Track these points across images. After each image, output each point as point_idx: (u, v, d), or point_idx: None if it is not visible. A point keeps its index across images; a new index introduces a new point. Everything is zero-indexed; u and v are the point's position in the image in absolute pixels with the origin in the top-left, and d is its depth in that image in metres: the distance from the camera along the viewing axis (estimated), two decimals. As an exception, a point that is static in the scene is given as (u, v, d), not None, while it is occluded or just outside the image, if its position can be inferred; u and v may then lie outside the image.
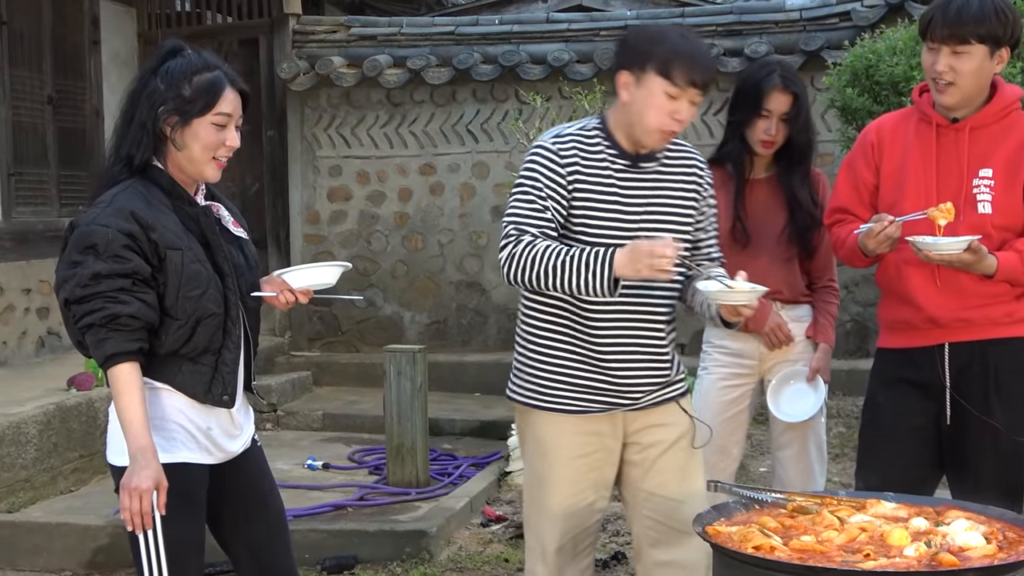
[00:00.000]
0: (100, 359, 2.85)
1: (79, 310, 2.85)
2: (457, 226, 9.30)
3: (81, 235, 2.86)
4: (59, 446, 6.35)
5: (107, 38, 9.24)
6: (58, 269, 2.92)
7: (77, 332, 2.90)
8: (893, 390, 3.59)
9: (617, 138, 3.26)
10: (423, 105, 9.32)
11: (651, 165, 3.29)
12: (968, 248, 3.26)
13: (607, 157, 3.25)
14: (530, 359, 3.36)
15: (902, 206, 3.47)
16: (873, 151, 3.59)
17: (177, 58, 2.95)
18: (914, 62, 5.95)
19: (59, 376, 7.04)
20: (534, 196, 3.18)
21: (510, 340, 9.17)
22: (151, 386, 2.91)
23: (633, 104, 3.18)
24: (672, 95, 3.13)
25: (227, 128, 2.94)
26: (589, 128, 3.29)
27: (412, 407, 6.29)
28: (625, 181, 3.25)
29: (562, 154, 3.21)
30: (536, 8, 11.37)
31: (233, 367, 3.00)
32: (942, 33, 3.34)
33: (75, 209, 8.68)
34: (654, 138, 3.20)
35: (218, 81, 2.92)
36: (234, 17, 9.78)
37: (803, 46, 8.36)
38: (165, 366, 2.93)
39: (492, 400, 8.25)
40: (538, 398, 3.35)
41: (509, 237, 3.16)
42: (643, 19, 9.06)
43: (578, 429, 3.32)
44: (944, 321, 3.46)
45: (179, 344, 2.90)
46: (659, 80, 3.13)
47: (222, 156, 2.96)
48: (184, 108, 2.89)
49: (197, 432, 2.98)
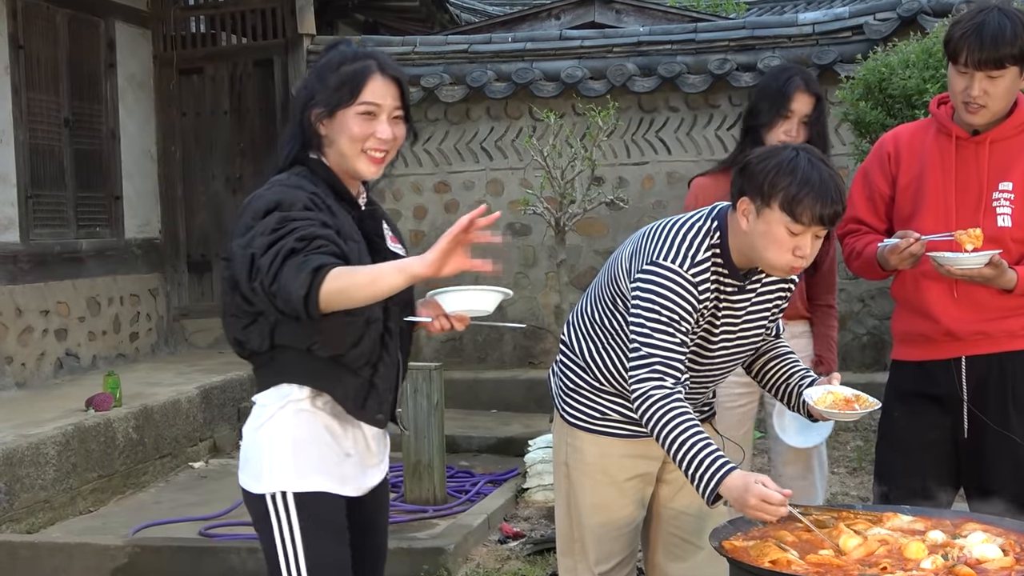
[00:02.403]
0: (306, 281, 2.53)
1: (272, 250, 2.58)
2: (472, 243, 9.29)
3: (259, 201, 2.69)
4: (78, 467, 6.38)
5: (123, 60, 9.31)
6: (233, 243, 2.70)
7: (269, 279, 2.57)
8: (909, 404, 3.57)
9: (733, 258, 3.03)
10: (437, 123, 9.36)
11: (755, 286, 3.14)
12: (989, 263, 3.24)
13: (721, 280, 3.06)
14: (583, 384, 3.31)
15: (920, 219, 3.46)
16: (889, 162, 3.57)
17: (331, 52, 2.84)
18: (927, 75, 5.95)
19: (77, 397, 7.07)
20: (674, 330, 2.97)
21: (526, 357, 9.27)
22: (298, 406, 2.77)
23: (751, 236, 2.93)
24: (795, 232, 2.87)
25: (376, 119, 2.77)
26: (721, 253, 3.04)
27: (429, 424, 6.29)
28: (731, 300, 3.11)
29: (700, 288, 3.01)
30: (549, 25, 11.39)
31: (389, 384, 2.84)
32: (978, 59, 3.27)
33: (92, 230, 8.77)
34: (779, 274, 3.03)
35: (363, 69, 2.77)
36: (249, 38, 9.82)
37: (816, 60, 8.36)
38: (326, 373, 2.76)
39: (508, 417, 8.27)
40: (590, 421, 3.31)
41: (655, 372, 2.95)
42: (655, 35, 9.08)
43: (625, 452, 3.30)
44: (961, 334, 3.45)
45: (346, 346, 2.73)
46: (781, 216, 2.86)
47: (373, 150, 2.78)
48: (329, 99, 2.76)
49: (336, 462, 2.81)
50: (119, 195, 9.23)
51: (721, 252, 3.02)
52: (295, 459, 2.76)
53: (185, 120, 9.87)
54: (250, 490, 2.82)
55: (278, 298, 2.57)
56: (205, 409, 7.74)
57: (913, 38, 6.52)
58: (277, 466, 2.77)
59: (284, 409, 2.78)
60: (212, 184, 9.88)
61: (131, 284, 9.30)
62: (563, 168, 7.00)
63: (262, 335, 2.74)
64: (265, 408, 2.81)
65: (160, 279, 9.73)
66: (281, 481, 2.76)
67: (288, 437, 2.77)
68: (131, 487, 6.85)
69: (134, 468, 6.91)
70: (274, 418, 2.79)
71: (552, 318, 8.99)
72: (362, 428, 2.87)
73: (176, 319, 9.83)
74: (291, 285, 2.53)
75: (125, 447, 6.82)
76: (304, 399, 2.78)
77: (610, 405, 3.28)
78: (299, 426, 2.77)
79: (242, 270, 2.64)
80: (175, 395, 7.52)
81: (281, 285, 2.55)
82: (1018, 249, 3.40)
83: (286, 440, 2.77)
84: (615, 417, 3.28)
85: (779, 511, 2.71)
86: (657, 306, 2.98)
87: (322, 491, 2.78)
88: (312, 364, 2.75)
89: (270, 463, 2.77)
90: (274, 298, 2.58)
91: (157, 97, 9.77)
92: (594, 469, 3.32)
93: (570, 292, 7.62)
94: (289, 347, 2.74)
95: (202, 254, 9.87)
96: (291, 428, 2.77)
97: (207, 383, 7.86)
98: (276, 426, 2.78)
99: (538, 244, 9.19)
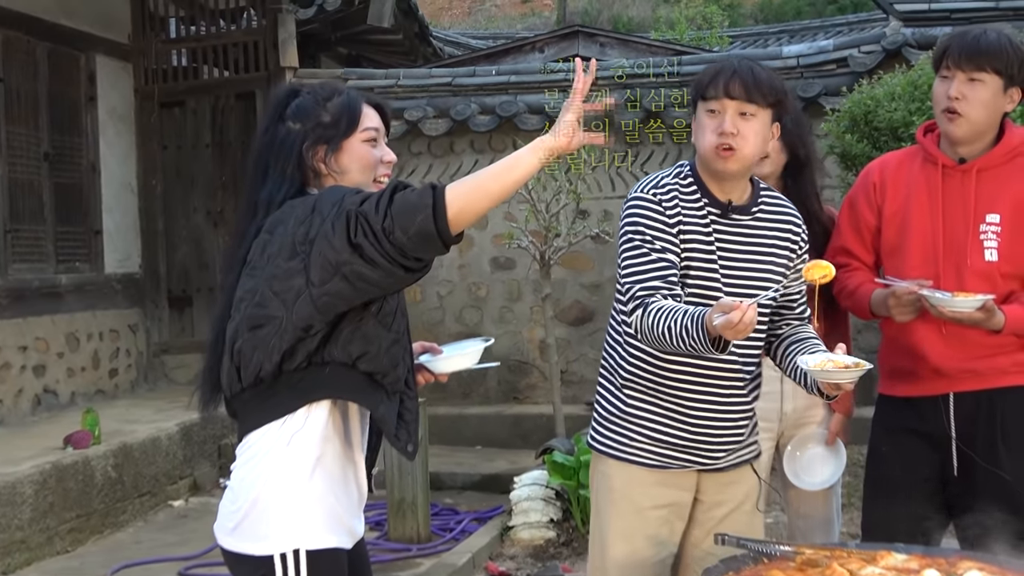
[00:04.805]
0: (427, 193, 2.47)
1: (372, 197, 2.51)
2: (456, 277, 9.30)
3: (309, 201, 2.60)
4: (55, 506, 6.31)
5: (103, 94, 9.29)
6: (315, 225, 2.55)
7: (380, 217, 2.46)
8: (897, 440, 3.55)
9: (708, 186, 3.21)
10: (421, 156, 9.35)
11: (745, 218, 3.22)
12: (982, 307, 3.24)
13: (705, 205, 3.19)
14: (608, 408, 3.31)
15: (906, 251, 3.45)
16: (875, 191, 3.56)
17: (300, 96, 2.82)
18: (913, 107, 5.97)
19: (55, 435, 7.00)
20: (647, 249, 3.10)
21: (511, 392, 9.24)
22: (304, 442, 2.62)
23: (696, 141, 3.18)
24: (713, 110, 3.11)
25: (379, 143, 2.83)
26: (684, 176, 3.23)
27: (412, 461, 6.24)
28: (723, 232, 3.19)
29: (664, 204, 3.15)
30: (532, 59, 11.44)
31: (414, 417, 2.76)
32: (958, 59, 3.32)
33: (71, 265, 8.73)
34: (716, 162, 3.13)
35: (354, 98, 2.81)
36: (231, 71, 9.82)
37: (801, 93, 8.38)
38: (368, 390, 2.66)
39: (493, 453, 8.23)
40: (617, 447, 3.28)
41: (636, 300, 3.05)
42: (640, 68, 9.11)
43: (652, 480, 3.26)
44: (949, 371, 3.43)
45: (388, 365, 2.67)
46: (700, 105, 3.15)
47: (383, 174, 2.82)
48: (329, 134, 2.75)
49: (342, 515, 2.70)
50: (99, 229, 9.19)
51: (694, 179, 3.21)
52: (308, 509, 2.61)
53: (166, 153, 9.84)
54: (247, 552, 2.62)
55: (395, 229, 2.45)
56: (185, 446, 7.67)
57: (898, 71, 6.54)
58: (289, 520, 2.60)
59: (290, 447, 2.62)
60: (193, 218, 9.84)
61: (111, 319, 9.24)
62: (548, 201, 7.01)
63: (309, 350, 2.60)
64: (266, 451, 2.62)
65: (140, 314, 9.67)
66: (293, 538, 2.60)
67: (297, 482, 2.61)
68: (109, 526, 6.78)
69: (113, 507, 6.84)
70: (277, 460, 2.62)
71: (537, 353, 8.98)
72: (358, 467, 2.79)
73: (156, 355, 9.77)
74: (411, 205, 2.45)
75: (104, 486, 6.75)
76: (313, 430, 2.63)
77: (637, 427, 3.24)
78: (306, 467, 2.62)
79: (335, 240, 2.49)
80: (155, 432, 7.46)
81: (398, 212, 2.45)
82: (1006, 284, 3.39)
83: (295, 486, 2.61)
84: (642, 442, 3.24)
85: (740, 313, 2.71)
86: (627, 234, 3.15)
87: (334, 548, 2.65)
88: (356, 379, 2.64)
89: (279, 516, 2.60)
90: (390, 235, 2.45)
91: (138, 130, 9.74)
92: (619, 496, 3.29)
93: (555, 326, 7.59)
94: (334, 361, 2.62)
95: (183, 289, 9.82)
96: (298, 471, 2.62)
97: (187, 420, 7.79)
98: (281, 469, 2.61)
99: (523, 278, 9.17)
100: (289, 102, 2.82)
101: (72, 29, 8.91)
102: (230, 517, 2.65)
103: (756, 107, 3.12)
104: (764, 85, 3.13)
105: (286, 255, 2.58)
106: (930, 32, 8.06)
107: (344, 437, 2.73)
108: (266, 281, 2.61)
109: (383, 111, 2.89)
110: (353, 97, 2.82)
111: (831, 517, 4.24)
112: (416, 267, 2.53)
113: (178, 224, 9.84)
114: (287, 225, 2.60)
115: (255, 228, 2.70)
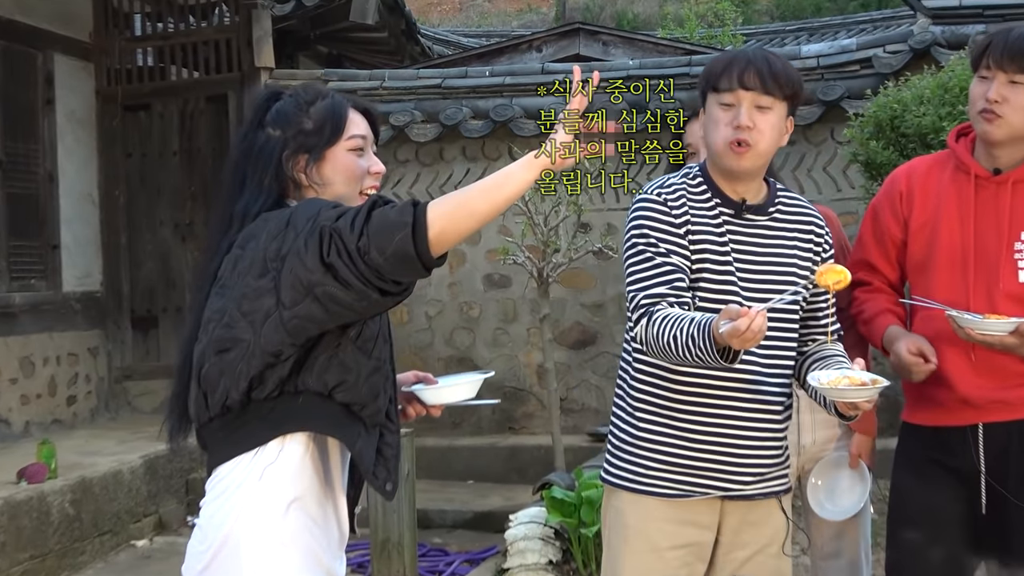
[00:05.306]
0: (407, 210, 2.46)
1: (349, 212, 2.49)
2: (446, 296, 9.29)
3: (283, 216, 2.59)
4: (7, 546, 6.28)
5: (62, 96, 9.29)
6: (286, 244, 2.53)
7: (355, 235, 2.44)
8: (921, 473, 3.52)
9: (720, 186, 3.22)
10: (408, 165, 9.36)
11: (762, 218, 3.24)
12: (1015, 331, 3.22)
13: (716, 204, 3.21)
14: (620, 436, 3.29)
15: (933, 270, 3.43)
16: (902, 201, 3.54)
17: (281, 100, 2.81)
18: (943, 112, 5.97)
19: (8, 467, 6.98)
20: (651, 253, 3.13)
21: (505, 422, 9.21)
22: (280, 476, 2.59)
23: (706, 137, 3.21)
24: (726, 103, 3.14)
25: (365, 152, 2.81)
26: (693, 176, 3.26)
27: (398, 497, 6.21)
28: (737, 233, 3.20)
29: (670, 204, 3.18)
30: (529, 58, 11.46)
31: (395, 452, 2.73)
32: (1000, 59, 3.31)
33: (26, 283, 8.71)
34: (729, 159, 3.14)
35: (339, 103, 2.79)
36: (201, 72, 9.83)
37: (821, 96, 8.39)
38: (346, 423, 2.63)
39: (486, 489, 8.21)
40: (631, 478, 3.26)
41: (641, 309, 3.08)
42: (647, 68, 9.13)
43: (669, 516, 3.22)
44: (978, 402, 3.40)
45: (368, 396, 2.65)
46: (711, 97, 3.18)
47: (370, 187, 2.80)
48: (311, 142, 2.74)
49: (320, 555, 2.68)
50: (56, 244, 9.18)
51: (704, 179, 3.24)
52: (283, 549, 2.58)
53: (130, 161, 9.84)
54: None
55: (371, 250, 2.43)
56: (150, 481, 7.65)
57: (927, 72, 6.55)
58: (262, 560, 2.57)
59: (263, 481, 2.59)
60: (159, 231, 9.83)
61: (69, 342, 9.22)
62: (546, 214, 6.99)
63: (281, 376, 2.58)
64: (238, 486, 2.59)
65: (101, 336, 9.65)
66: None
67: (270, 520, 2.58)
68: (67, 568, 6.75)
69: (70, 547, 6.81)
70: (249, 495, 2.58)
71: (534, 379, 8.96)
72: (339, 504, 2.77)
73: (118, 381, 9.74)
74: (389, 223, 2.43)
75: (60, 524, 6.72)
76: (288, 463, 2.61)
77: (651, 452, 3.21)
78: (280, 503, 2.59)
79: (307, 258, 2.47)
80: (116, 465, 7.43)
81: (375, 231, 2.43)
82: None
83: (269, 524, 2.58)
84: (657, 469, 3.21)
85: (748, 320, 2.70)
86: (631, 239, 3.18)
87: None
88: (332, 410, 2.62)
89: (252, 557, 2.56)
90: (365, 255, 2.43)
91: (100, 136, 9.74)
92: (633, 533, 3.25)
93: (554, 350, 7.57)
94: (308, 391, 2.61)
95: (148, 309, 9.80)
96: (272, 508, 2.59)
97: (152, 452, 7.77)
98: (253, 505, 2.58)
99: (519, 297, 9.16)
100: (269, 106, 2.81)
101: (28, 26, 8.92)
102: (199, 558, 2.63)
103: (773, 99, 3.13)
104: (781, 76, 3.14)
105: (256, 272, 2.56)
106: (961, 30, 8.07)
107: (323, 471, 2.71)
108: (235, 300, 2.59)
109: (371, 117, 2.87)
110: (338, 101, 2.81)
111: (857, 559, 4.22)
112: (394, 290, 2.51)
113: (143, 238, 9.83)
114: (259, 240, 2.59)
115: (228, 243, 2.68)
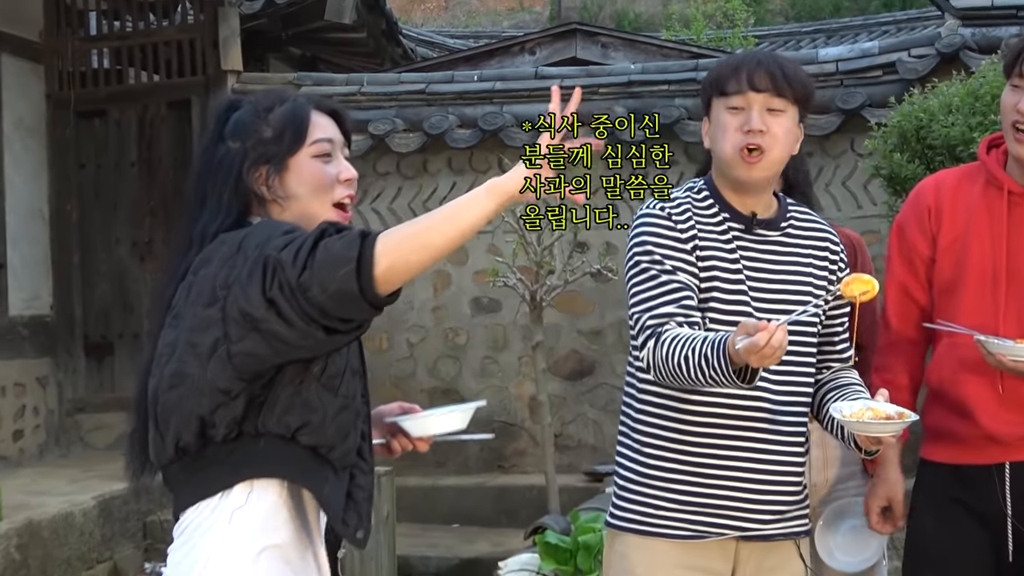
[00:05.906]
0: (354, 243, 2.41)
1: (295, 242, 2.43)
2: (430, 322, 9.30)
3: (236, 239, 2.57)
4: (-54, 595, 6.28)
5: (9, 101, 9.29)
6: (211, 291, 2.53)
7: (297, 269, 2.40)
8: (942, 515, 3.52)
9: (728, 199, 3.26)
10: (388, 177, 9.38)
11: (774, 233, 3.27)
12: None
13: (725, 219, 3.24)
14: (626, 475, 3.30)
15: (962, 291, 3.44)
16: (930, 217, 3.54)
17: (239, 109, 2.78)
18: (973, 122, 6.00)
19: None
20: (656, 271, 3.14)
21: (494, 460, 9.21)
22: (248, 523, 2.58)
23: (713, 146, 3.24)
24: (735, 107, 3.18)
25: (334, 158, 2.75)
26: (698, 191, 3.29)
27: (377, 542, 6.24)
28: (748, 249, 3.23)
29: (675, 219, 3.21)
30: (522, 62, 11.49)
31: (367, 495, 2.70)
32: None
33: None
34: (739, 168, 3.17)
35: (300, 105, 2.75)
36: (162, 75, 9.84)
37: (840, 104, 8.42)
38: (312, 467, 2.61)
39: (473, 533, 8.20)
40: (638, 519, 3.26)
41: (647, 331, 3.08)
42: (650, 73, 9.16)
43: (680, 561, 3.22)
44: (1005, 438, 3.40)
45: (336, 437, 2.62)
46: (718, 101, 3.21)
47: (342, 197, 2.74)
48: (271, 151, 2.70)
49: None
50: (2, 263, 9.17)
51: (711, 192, 3.28)
52: None
53: (84, 173, 9.84)
54: None
55: (313, 286, 2.39)
56: (104, 524, 7.63)
57: (956, 78, 6.59)
58: None
59: (232, 526, 2.58)
60: (115, 250, 9.82)
61: (15, 371, 9.21)
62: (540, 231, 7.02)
63: (234, 417, 2.55)
64: (205, 531, 2.58)
65: (51, 365, 9.64)
66: None
67: (240, 567, 2.55)
68: (11, 620, 6.74)
69: (15, 597, 6.80)
70: (217, 540, 2.57)
71: (526, 412, 8.96)
72: (317, 550, 2.76)
73: (70, 414, 9.72)
74: (333, 257, 2.39)
75: (6, 571, 6.71)
76: (259, 505, 2.60)
77: (659, 490, 3.21)
78: (251, 548, 2.57)
79: (250, 290, 2.45)
80: (67, 507, 7.41)
81: (319, 265, 2.39)
82: None
83: (239, 571, 2.56)
84: (666, 508, 3.21)
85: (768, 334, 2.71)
86: (634, 257, 3.21)
87: None
88: (296, 454, 2.60)
89: None
90: (306, 291, 2.40)
91: (50, 145, 9.74)
92: None
93: (548, 381, 7.58)
94: (269, 433, 2.58)
95: (103, 335, 9.79)
96: (242, 554, 2.57)
97: (107, 492, 7.75)
98: (221, 552, 2.56)
99: (510, 323, 9.18)
100: (228, 117, 2.79)
101: (-28, 24, 8.95)
102: None
103: (785, 102, 3.18)
104: (792, 77, 3.20)
105: (204, 301, 2.55)
106: (993, 33, 8.11)
107: (299, 513, 2.70)
108: (185, 331, 2.58)
109: (340, 118, 2.84)
110: (299, 104, 2.77)
111: None
112: (343, 328, 2.49)
113: (97, 258, 9.83)
114: (211, 265, 2.57)
115: (185, 267, 2.67)
